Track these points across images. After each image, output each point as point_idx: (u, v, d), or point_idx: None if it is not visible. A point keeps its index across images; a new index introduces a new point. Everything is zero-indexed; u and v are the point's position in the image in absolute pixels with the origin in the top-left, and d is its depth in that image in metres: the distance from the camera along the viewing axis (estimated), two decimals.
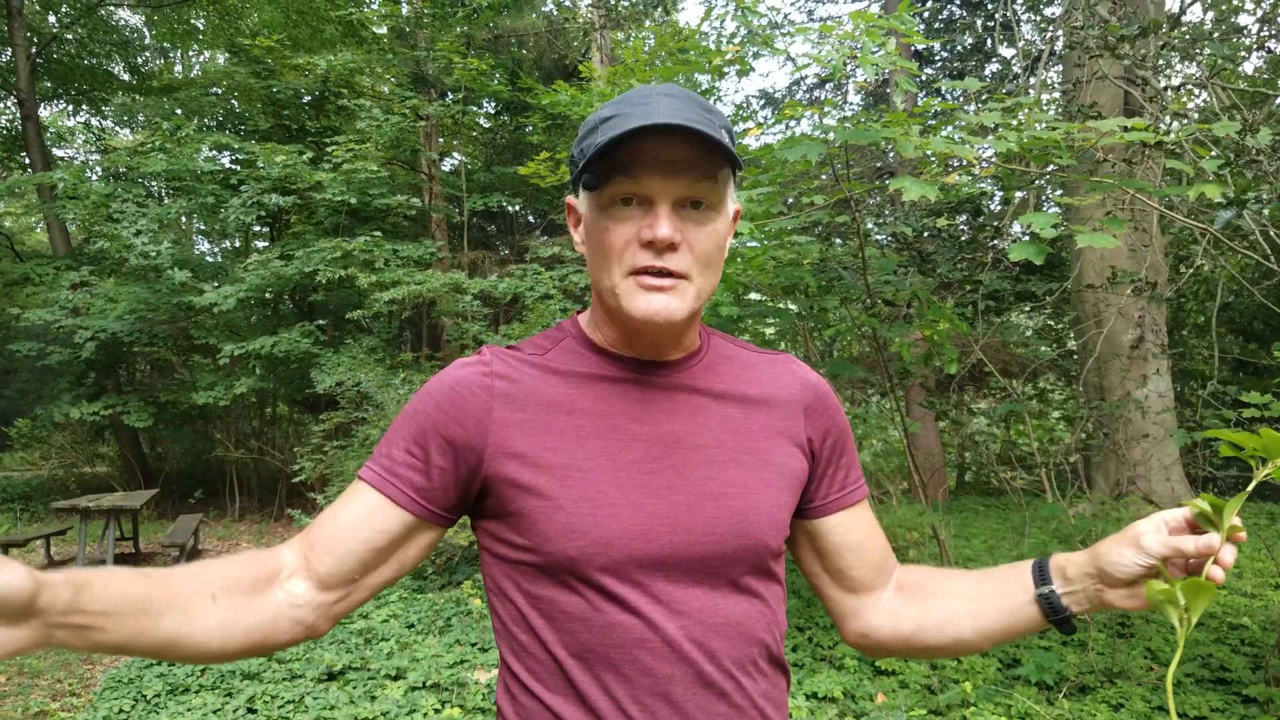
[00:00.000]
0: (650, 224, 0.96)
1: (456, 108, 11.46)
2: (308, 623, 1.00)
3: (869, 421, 11.45)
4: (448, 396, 1.03)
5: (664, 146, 0.95)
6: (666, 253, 0.97)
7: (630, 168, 0.96)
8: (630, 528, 0.97)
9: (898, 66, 3.59)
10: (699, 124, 0.92)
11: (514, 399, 1.02)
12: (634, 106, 0.96)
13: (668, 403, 1.05)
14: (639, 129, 0.92)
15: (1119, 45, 4.05)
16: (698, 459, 1.02)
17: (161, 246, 9.97)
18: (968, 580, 1.13)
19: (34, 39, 12.45)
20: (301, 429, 13.66)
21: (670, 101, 0.95)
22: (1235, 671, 4.20)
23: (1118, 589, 1.02)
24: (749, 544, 1.02)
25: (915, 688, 4.15)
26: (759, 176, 4.40)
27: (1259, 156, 3.26)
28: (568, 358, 1.08)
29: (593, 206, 1.02)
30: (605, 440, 1.01)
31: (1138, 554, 0.98)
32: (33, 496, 12.02)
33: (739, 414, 1.08)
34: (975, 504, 10.97)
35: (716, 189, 0.99)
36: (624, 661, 0.97)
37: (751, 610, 1.03)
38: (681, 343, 1.08)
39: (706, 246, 1.00)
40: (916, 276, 5.43)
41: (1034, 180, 4.18)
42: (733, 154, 0.97)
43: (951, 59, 15.34)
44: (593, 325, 1.11)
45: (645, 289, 0.98)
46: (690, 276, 0.99)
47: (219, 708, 4.04)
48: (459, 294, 9.71)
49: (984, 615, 1.10)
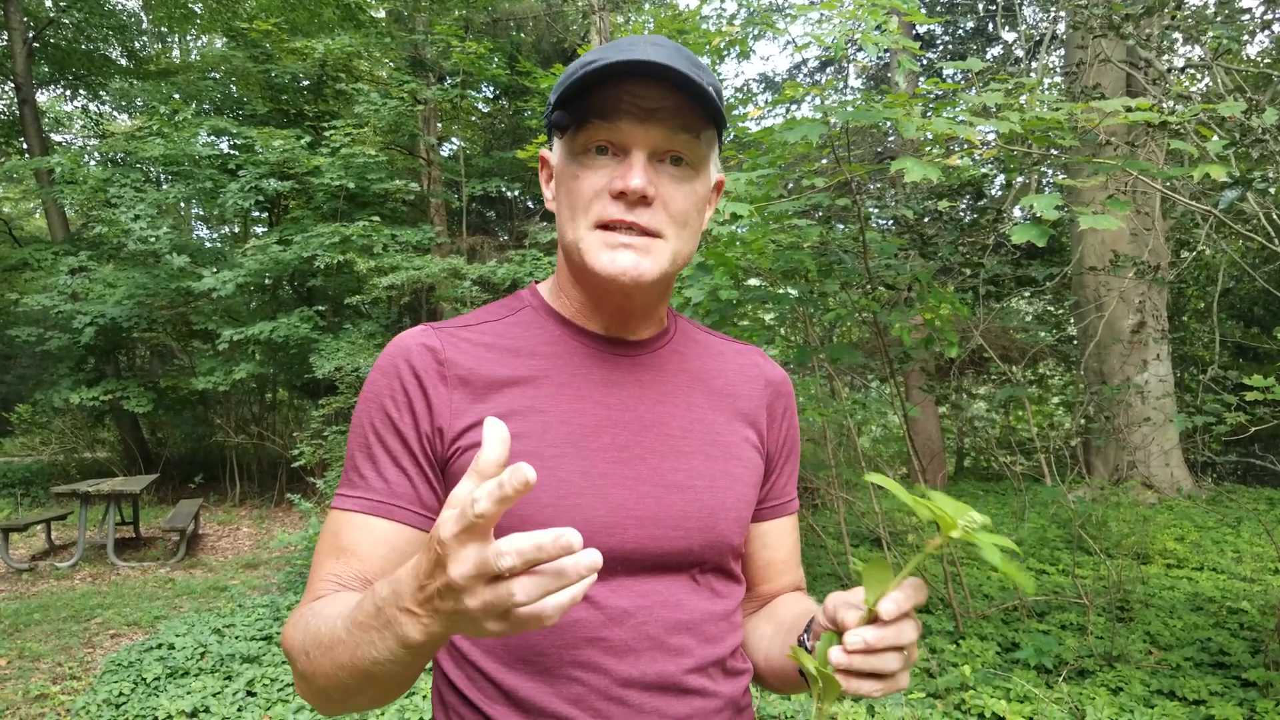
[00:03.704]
0: (622, 174, 0.89)
1: (455, 92, 11.39)
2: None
3: (868, 407, 11.46)
4: (393, 391, 0.93)
5: (645, 92, 0.88)
6: (638, 206, 0.90)
7: (607, 112, 0.89)
8: (593, 520, 0.89)
9: (900, 46, 3.56)
10: (685, 70, 0.86)
11: (468, 383, 0.94)
12: (618, 51, 0.88)
13: (635, 386, 0.98)
14: (619, 66, 0.85)
15: (1123, 24, 4.01)
16: (665, 449, 0.96)
17: (160, 231, 9.94)
18: (796, 610, 1.03)
19: (30, 23, 12.38)
20: (301, 414, 13.68)
21: (657, 49, 0.88)
22: (1234, 655, 4.21)
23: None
24: (715, 540, 0.96)
25: (914, 671, 4.15)
26: (759, 159, 4.37)
27: (1264, 136, 3.23)
28: (527, 332, 0.99)
29: (565, 154, 0.94)
30: (570, 426, 0.93)
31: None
32: (33, 481, 12.03)
33: (705, 403, 1.02)
34: (975, 489, 10.98)
35: (698, 146, 0.92)
36: (574, 663, 0.89)
37: (715, 609, 0.97)
38: (651, 315, 1.02)
39: (683, 205, 0.92)
40: (917, 260, 5.41)
41: (1036, 162, 4.15)
42: (718, 111, 0.90)
43: (953, 42, 15.25)
44: (555, 292, 1.03)
45: (611, 246, 0.90)
46: (664, 235, 0.91)
47: (218, 691, 4.04)
48: (458, 279, 9.69)
49: (776, 648, 1.01)
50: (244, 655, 4.54)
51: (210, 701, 3.90)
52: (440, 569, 0.63)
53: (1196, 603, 5.22)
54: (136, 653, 4.65)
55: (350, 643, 0.74)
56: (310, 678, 0.82)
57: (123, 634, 5.40)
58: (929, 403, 11.22)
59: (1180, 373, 11.14)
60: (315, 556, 0.94)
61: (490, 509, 0.59)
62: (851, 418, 6.78)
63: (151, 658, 4.53)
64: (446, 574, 0.63)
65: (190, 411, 12.73)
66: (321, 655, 0.79)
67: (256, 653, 4.58)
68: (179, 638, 4.81)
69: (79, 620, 5.69)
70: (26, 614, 5.84)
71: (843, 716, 3.54)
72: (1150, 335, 9.03)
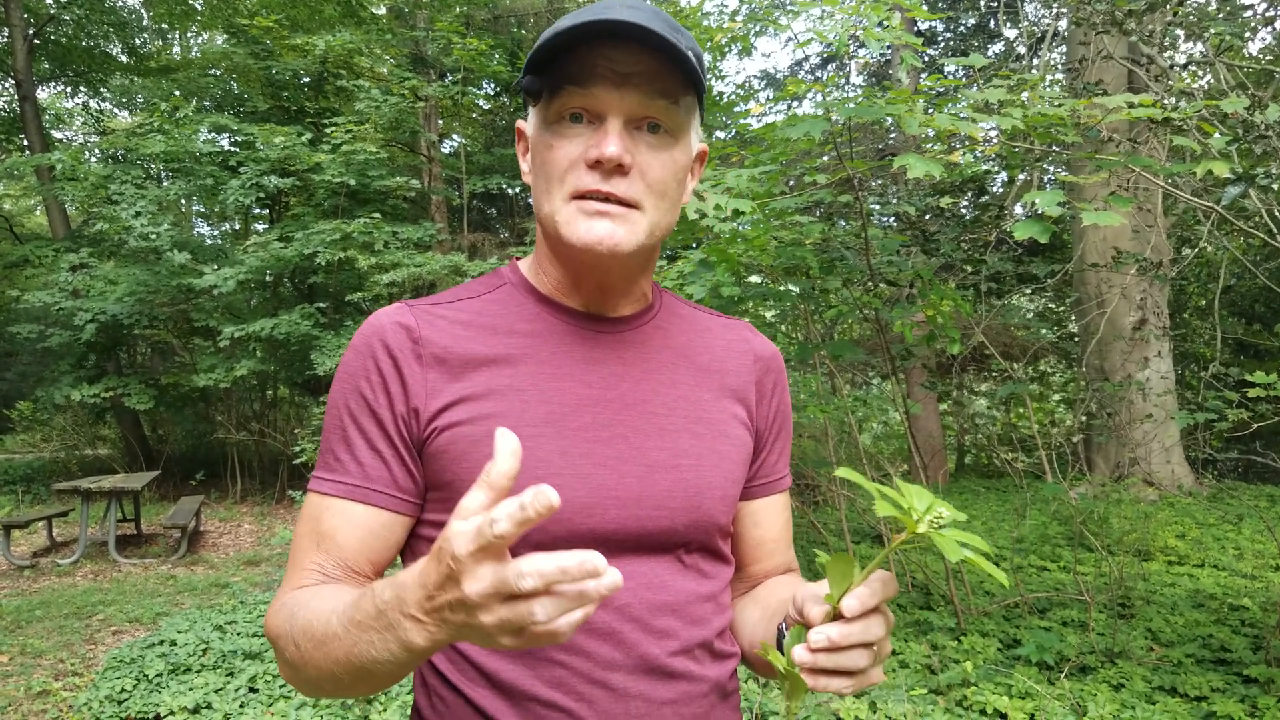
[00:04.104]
0: (598, 142, 0.86)
1: (456, 88, 11.39)
2: None
3: (870, 404, 11.46)
4: (368, 372, 0.92)
5: (620, 56, 0.86)
6: (614, 176, 0.87)
7: (580, 77, 0.86)
8: (573, 501, 0.88)
9: (902, 42, 3.55)
10: (662, 31, 0.83)
11: (444, 362, 0.92)
12: (592, 13, 0.85)
13: (618, 363, 0.97)
14: (593, 27, 0.82)
15: (1125, 21, 4.00)
16: (649, 427, 0.94)
17: (161, 228, 9.94)
18: (782, 596, 1.00)
19: (31, 19, 12.37)
20: (302, 411, 13.68)
21: (632, 11, 0.84)
22: (1236, 652, 4.21)
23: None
24: (700, 519, 0.94)
25: (915, 667, 4.15)
26: (761, 155, 4.37)
27: (1267, 133, 3.23)
28: (506, 309, 0.98)
29: (539, 123, 0.92)
30: (550, 405, 0.91)
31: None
32: (34, 478, 12.04)
33: (691, 380, 1.00)
34: (976, 486, 10.99)
35: (676, 113, 0.89)
36: (556, 645, 0.87)
37: (700, 590, 0.95)
38: (632, 290, 1.00)
39: (661, 174, 0.90)
40: (919, 257, 5.40)
41: (1038, 159, 4.14)
42: (698, 76, 0.88)
43: (954, 39, 15.24)
44: (535, 269, 1.01)
45: (587, 214, 0.88)
46: (641, 206, 0.89)
47: (220, 687, 4.05)
48: (459, 276, 9.69)
49: (760, 634, 0.98)
50: (246, 652, 4.54)
51: (212, 698, 3.91)
52: (453, 583, 0.62)
53: (1198, 599, 5.23)
54: (138, 649, 4.66)
55: (347, 641, 0.74)
56: (300, 667, 0.82)
57: (124, 630, 5.40)
58: (930, 400, 11.21)
59: (1181, 370, 11.14)
60: (295, 540, 0.94)
61: (511, 532, 0.58)
62: (853, 415, 6.77)
63: (153, 654, 4.53)
64: (460, 590, 0.62)
65: (191, 408, 12.73)
66: (314, 649, 0.79)
67: (258, 649, 4.58)
68: (181, 634, 4.81)
69: (81, 617, 5.70)
70: (28, 611, 5.85)
71: (844, 713, 3.54)
72: (1152, 332, 9.02)
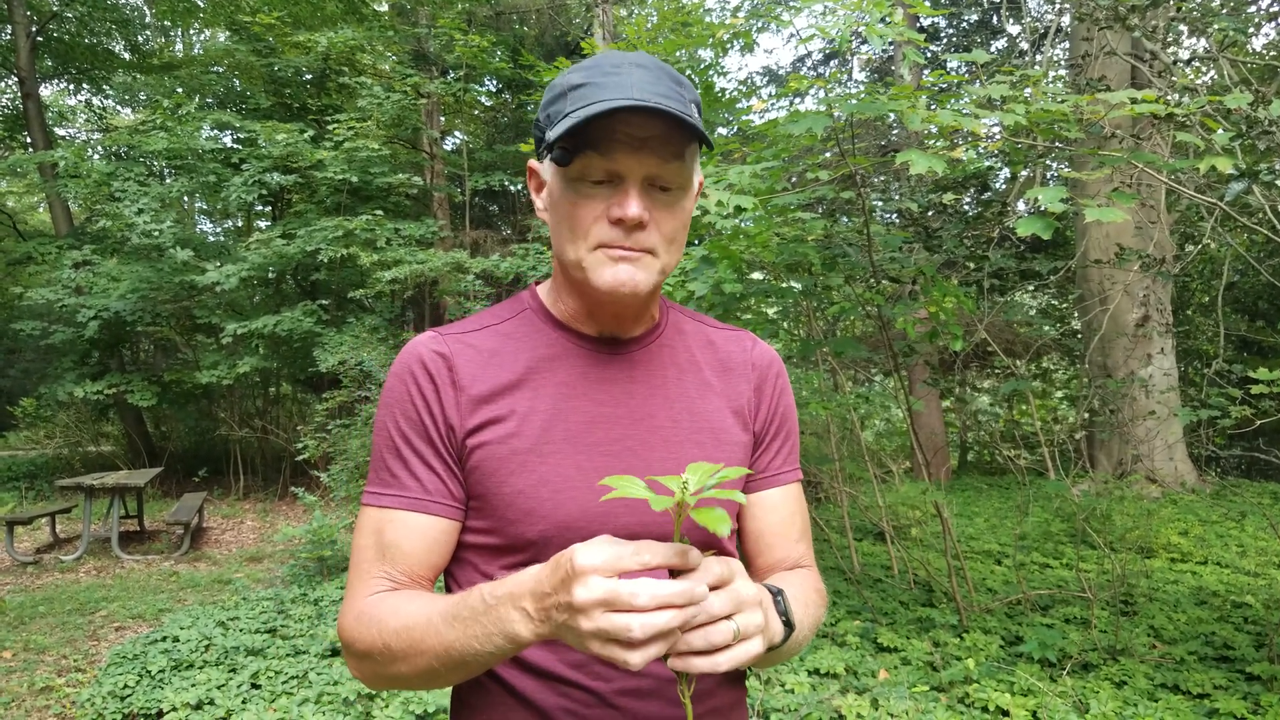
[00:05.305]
0: (620, 202, 0.97)
1: (458, 85, 11.39)
2: None
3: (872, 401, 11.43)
4: (412, 396, 1.04)
5: (637, 121, 0.94)
6: (635, 231, 0.98)
7: (602, 144, 0.95)
8: (589, 509, 0.99)
9: (905, 38, 3.54)
10: (672, 100, 0.94)
11: (474, 388, 1.03)
12: (605, 76, 0.96)
13: (627, 382, 1.08)
14: (618, 107, 0.91)
15: (1129, 17, 3.99)
16: (656, 439, 1.05)
17: (163, 225, 9.95)
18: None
19: (34, 17, 12.36)
20: (305, 408, 13.68)
21: (643, 74, 0.96)
22: (1239, 649, 4.20)
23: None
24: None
25: (918, 664, 4.15)
26: (763, 152, 4.36)
27: (1271, 129, 3.22)
28: (527, 335, 1.09)
29: (559, 177, 1.01)
30: (566, 424, 1.03)
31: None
32: (38, 475, 12.06)
33: (694, 392, 1.11)
34: (978, 483, 10.97)
35: (684, 169, 0.99)
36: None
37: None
38: (642, 316, 1.11)
39: (673, 226, 1.01)
40: (922, 253, 5.39)
41: (1041, 155, 4.13)
42: (701, 131, 0.97)
43: (957, 35, 15.20)
44: (553, 296, 1.12)
45: (613, 260, 0.98)
46: (656, 253, 1.01)
47: (223, 683, 4.05)
48: (461, 273, 9.70)
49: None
50: (248, 648, 4.55)
51: (215, 694, 3.91)
52: (565, 588, 0.75)
53: (1200, 597, 5.22)
54: (141, 645, 4.66)
55: (448, 635, 0.86)
56: (388, 663, 0.93)
57: (127, 627, 5.41)
58: (933, 396, 11.20)
59: (1184, 366, 11.11)
60: (357, 552, 1.04)
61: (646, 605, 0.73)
62: (855, 412, 6.77)
63: (156, 650, 4.54)
64: (570, 594, 0.74)
65: (194, 405, 12.75)
66: (408, 646, 0.90)
67: (261, 645, 4.59)
68: (183, 630, 4.82)
69: (84, 613, 5.71)
70: (31, 607, 5.86)
71: (846, 709, 3.54)
72: (1154, 329, 9.01)
